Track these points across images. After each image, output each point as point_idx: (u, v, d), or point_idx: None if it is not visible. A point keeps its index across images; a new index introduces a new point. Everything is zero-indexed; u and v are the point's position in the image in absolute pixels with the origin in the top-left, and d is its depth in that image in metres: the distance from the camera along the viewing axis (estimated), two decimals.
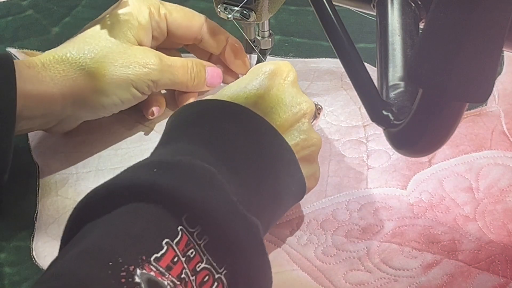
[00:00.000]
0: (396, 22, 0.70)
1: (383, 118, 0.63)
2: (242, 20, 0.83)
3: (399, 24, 0.70)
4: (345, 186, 0.82)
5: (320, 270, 0.74)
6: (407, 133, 0.61)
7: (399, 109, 0.63)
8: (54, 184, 0.84)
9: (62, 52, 0.83)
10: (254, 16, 0.82)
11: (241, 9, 0.82)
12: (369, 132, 0.88)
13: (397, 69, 0.66)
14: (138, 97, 0.85)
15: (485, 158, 0.84)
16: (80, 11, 1.10)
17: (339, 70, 0.97)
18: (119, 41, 0.84)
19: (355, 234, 0.77)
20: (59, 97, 0.81)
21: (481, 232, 0.77)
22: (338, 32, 0.68)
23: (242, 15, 0.82)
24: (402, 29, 0.69)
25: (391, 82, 0.66)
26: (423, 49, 0.55)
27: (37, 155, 0.88)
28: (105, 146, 0.89)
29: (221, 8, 0.83)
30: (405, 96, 0.64)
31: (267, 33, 0.91)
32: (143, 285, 0.52)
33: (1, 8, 1.11)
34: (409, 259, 0.74)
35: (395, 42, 0.68)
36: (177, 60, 0.88)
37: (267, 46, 0.92)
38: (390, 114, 0.63)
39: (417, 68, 0.55)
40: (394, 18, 0.70)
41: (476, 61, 0.53)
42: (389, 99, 0.64)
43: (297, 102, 0.74)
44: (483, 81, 0.54)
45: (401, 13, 0.70)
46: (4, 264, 0.77)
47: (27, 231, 0.80)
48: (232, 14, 0.82)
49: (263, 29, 0.90)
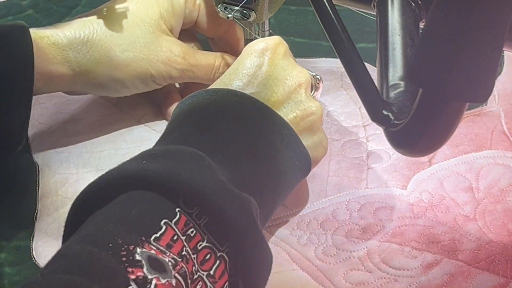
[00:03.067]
0: (396, 22, 0.70)
1: (383, 118, 0.63)
2: (242, 19, 0.83)
3: (399, 24, 0.70)
4: (345, 186, 0.82)
5: (320, 270, 0.74)
6: (407, 132, 0.61)
7: (399, 109, 0.63)
8: (54, 184, 0.84)
9: (88, 31, 0.82)
10: (254, 16, 0.82)
11: (241, 9, 0.82)
12: (369, 132, 0.88)
13: (397, 69, 0.67)
14: (154, 87, 0.86)
15: (485, 158, 0.84)
16: (80, 11, 1.10)
17: (339, 70, 0.97)
18: (149, 29, 0.84)
19: (355, 234, 0.77)
20: (71, 77, 0.82)
21: (481, 232, 0.77)
22: (338, 32, 0.68)
23: (242, 15, 0.82)
24: (402, 29, 0.69)
25: (391, 81, 0.66)
26: (423, 49, 0.55)
27: (37, 155, 0.88)
28: (105, 146, 0.89)
29: (221, 8, 0.83)
30: (405, 96, 0.64)
31: (267, 33, 0.90)
32: (144, 262, 0.52)
33: (1, 8, 1.11)
34: (409, 259, 0.74)
35: (395, 42, 0.69)
36: (203, 59, 0.87)
37: None
38: (390, 114, 0.63)
39: (417, 68, 0.55)
40: (394, 18, 0.70)
41: (476, 61, 0.53)
42: (389, 98, 0.64)
43: (290, 74, 0.74)
44: (483, 81, 0.54)
45: (401, 12, 0.70)
46: (4, 264, 0.77)
47: (27, 230, 0.80)
48: (232, 14, 0.82)
49: (263, 29, 0.90)
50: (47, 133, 0.89)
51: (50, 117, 0.93)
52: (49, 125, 0.92)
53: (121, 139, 0.89)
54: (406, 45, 0.68)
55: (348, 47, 0.67)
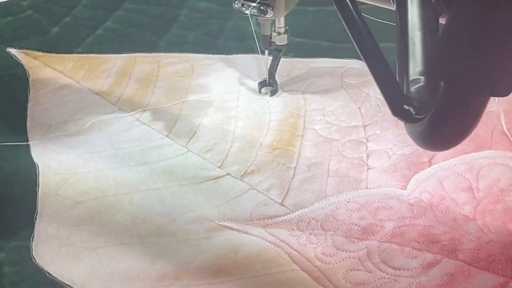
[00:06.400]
0: (416, 17, 0.69)
1: (404, 113, 0.63)
2: (259, 16, 0.83)
3: (419, 19, 0.69)
4: (345, 186, 0.82)
5: (320, 270, 0.74)
6: (430, 127, 0.60)
7: (420, 104, 0.62)
8: (54, 184, 0.84)
9: None
10: (271, 12, 0.83)
11: (258, 5, 0.82)
12: (369, 132, 0.88)
13: (417, 64, 0.66)
14: None
15: (485, 158, 0.84)
16: (80, 11, 1.10)
17: (339, 70, 0.97)
18: None
19: (355, 234, 0.77)
20: None
21: (481, 232, 0.76)
22: (359, 27, 0.68)
23: (259, 11, 0.83)
24: (422, 24, 0.68)
25: (412, 76, 0.65)
26: (446, 43, 0.54)
27: (37, 155, 0.88)
28: (105, 145, 0.89)
29: (238, 4, 0.83)
30: (426, 90, 0.64)
31: (282, 29, 0.90)
32: None
33: (1, 8, 1.11)
34: (409, 259, 0.74)
35: (415, 37, 0.68)
36: None
37: (283, 42, 0.92)
38: (412, 109, 0.63)
39: (440, 63, 0.55)
40: (414, 13, 0.70)
41: (499, 55, 0.53)
42: (410, 93, 0.64)
43: None
44: (506, 75, 0.54)
45: (421, 8, 0.70)
46: (4, 264, 0.77)
47: (27, 230, 0.80)
48: (249, 10, 0.83)
49: (279, 26, 0.90)
50: (46, 133, 0.89)
51: (50, 117, 0.93)
52: (49, 126, 0.92)
53: (121, 139, 0.89)
54: (426, 40, 0.67)
55: (369, 42, 0.67)
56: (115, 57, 1.02)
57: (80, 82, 0.98)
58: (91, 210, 0.81)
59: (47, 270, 0.76)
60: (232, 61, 1.01)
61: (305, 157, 0.86)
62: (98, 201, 0.82)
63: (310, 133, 0.89)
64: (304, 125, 0.90)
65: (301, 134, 0.89)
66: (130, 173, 0.85)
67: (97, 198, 0.83)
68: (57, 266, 0.76)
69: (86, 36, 1.06)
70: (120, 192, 0.83)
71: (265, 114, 0.92)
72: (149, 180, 0.84)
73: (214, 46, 1.03)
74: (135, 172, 0.85)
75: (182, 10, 1.10)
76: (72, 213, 0.81)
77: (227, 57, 1.01)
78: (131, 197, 0.83)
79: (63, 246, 0.78)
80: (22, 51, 1.03)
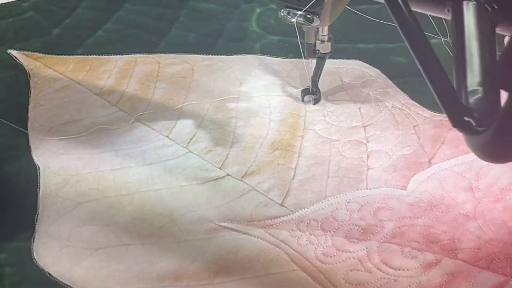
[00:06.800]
0: (472, 27, 0.67)
1: (465, 124, 0.62)
2: (305, 24, 0.82)
3: (476, 29, 0.67)
4: (345, 186, 0.82)
5: (320, 270, 0.74)
6: (494, 139, 0.59)
7: (480, 115, 0.61)
8: (54, 185, 0.85)
9: None
10: (317, 21, 0.82)
11: (304, 13, 0.81)
12: (369, 133, 0.88)
13: (475, 74, 0.64)
14: None
15: None
16: (80, 12, 1.10)
17: (339, 70, 0.97)
18: None
19: (355, 235, 0.77)
20: None
21: (481, 231, 0.76)
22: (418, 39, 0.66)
23: (305, 20, 0.81)
24: (479, 34, 0.67)
25: (470, 87, 0.64)
26: None
27: (37, 156, 0.88)
28: (105, 146, 0.89)
29: (284, 13, 0.82)
30: (485, 101, 0.62)
31: (326, 37, 0.89)
32: None
33: (2, 9, 1.11)
34: (409, 259, 0.74)
35: (472, 48, 0.66)
36: None
37: (326, 50, 0.90)
38: (472, 120, 0.61)
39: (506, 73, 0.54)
40: (470, 23, 0.67)
41: None
42: (469, 104, 0.63)
43: None
44: None
45: (477, 18, 0.68)
46: (5, 265, 0.77)
47: (28, 232, 0.80)
48: (295, 18, 0.81)
49: (323, 33, 0.88)
50: (47, 135, 0.89)
51: (50, 118, 0.93)
52: (49, 127, 0.92)
53: (121, 140, 0.89)
54: (484, 51, 0.65)
55: (428, 53, 0.65)
56: (116, 58, 1.02)
57: (81, 83, 0.99)
58: (91, 211, 0.82)
59: (47, 270, 0.76)
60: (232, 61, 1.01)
61: (305, 158, 0.86)
62: (99, 202, 0.83)
63: (310, 133, 0.89)
64: (304, 126, 0.90)
65: (301, 134, 0.89)
66: (130, 174, 0.85)
67: (98, 199, 0.83)
68: (57, 267, 0.77)
69: (86, 37, 1.06)
70: (121, 193, 0.83)
71: (265, 115, 0.92)
72: (150, 181, 0.84)
73: (214, 47, 1.03)
74: (135, 173, 0.85)
75: (182, 11, 1.10)
76: (73, 214, 0.81)
77: (227, 57, 1.01)
78: (131, 198, 0.83)
79: (64, 247, 0.78)
80: (23, 53, 1.03)
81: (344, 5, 0.85)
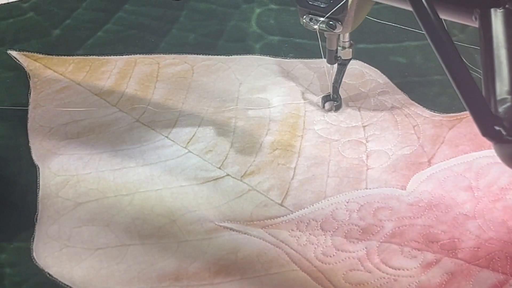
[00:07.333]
0: (501, 34, 0.67)
1: (495, 133, 0.61)
2: (327, 31, 0.82)
3: (505, 37, 0.66)
4: (345, 186, 0.82)
5: (320, 270, 0.74)
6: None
7: (510, 124, 0.61)
8: (54, 186, 0.85)
9: None
10: (340, 27, 0.81)
11: (327, 20, 0.81)
12: (368, 133, 0.88)
13: (504, 83, 0.64)
14: None
15: (484, 157, 0.84)
16: (81, 13, 1.11)
17: None
18: None
19: (354, 235, 0.77)
20: None
21: (481, 230, 0.77)
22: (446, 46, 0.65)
23: (328, 26, 0.81)
24: (508, 42, 0.66)
25: (499, 96, 0.63)
26: None
27: (37, 157, 0.88)
28: (105, 147, 0.89)
29: (306, 19, 0.81)
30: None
31: (347, 44, 0.88)
32: None
33: (2, 10, 1.11)
34: (409, 259, 0.74)
35: (501, 55, 0.65)
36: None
37: (348, 57, 0.90)
38: (502, 129, 0.61)
39: None
40: (499, 30, 0.67)
41: None
42: (498, 113, 0.62)
43: None
44: None
45: (505, 25, 0.67)
46: (4, 265, 0.77)
47: (28, 232, 0.80)
48: (317, 25, 0.81)
49: (344, 40, 0.88)
50: (47, 135, 0.90)
51: (50, 119, 0.93)
52: (49, 127, 0.92)
53: (121, 140, 0.89)
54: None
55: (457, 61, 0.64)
56: (116, 59, 1.02)
57: (81, 83, 0.99)
58: (91, 212, 0.82)
59: (47, 271, 0.76)
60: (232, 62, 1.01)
61: (305, 158, 0.86)
62: (99, 202, 0.83)
63: (310, 133, 0.89)
64: (304, 126, 0.90)
65: (301, 134, 0.89)
66: (130, 174, 0.85)
67: (98, 199, 0.83)
68: (57, 267, 0.77)
69: (86, 38, 1.06)
70: (121, 193, 0.83)
71: (265, 115, 0.92)
72: (149, 181, 0.84)
73: (214, 47, 1.03)
74: (135, 174, 0.85)
75: (182, 11, 1.10)
76: (73, 214, 0.81)
77: (227, 58, 1.01)
78: (131, 198, 0.83)
79: (64, 247, 0.78)
80: (23, 53, 1.03)
81: (367, 12, 0.85)
